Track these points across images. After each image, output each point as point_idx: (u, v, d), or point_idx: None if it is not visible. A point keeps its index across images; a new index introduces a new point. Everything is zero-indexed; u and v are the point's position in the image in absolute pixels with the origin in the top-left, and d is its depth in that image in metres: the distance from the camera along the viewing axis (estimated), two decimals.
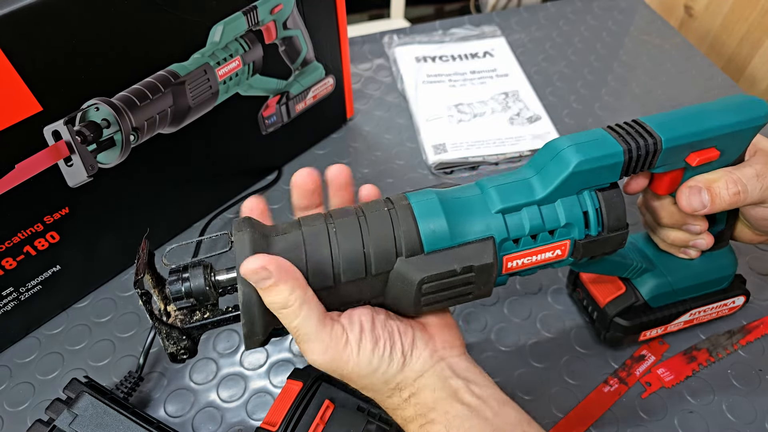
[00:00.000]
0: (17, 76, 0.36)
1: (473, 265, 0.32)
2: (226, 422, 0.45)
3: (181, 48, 0.44)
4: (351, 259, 0.32)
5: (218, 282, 0.33)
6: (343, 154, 0.65)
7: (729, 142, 0.36)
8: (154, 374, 0.48)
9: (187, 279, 0.33)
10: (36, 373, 0.48)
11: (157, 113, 0.46)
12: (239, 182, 0.60)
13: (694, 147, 0.35)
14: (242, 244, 0.31)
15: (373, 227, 0.32)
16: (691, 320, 0.47)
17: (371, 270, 0.32)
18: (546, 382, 0.47)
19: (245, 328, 0.32)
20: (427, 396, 0.33)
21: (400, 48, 0.77)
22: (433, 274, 0.32)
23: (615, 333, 0.46)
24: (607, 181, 0.35)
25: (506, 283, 0.36)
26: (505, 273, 0.35)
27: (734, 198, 0.36)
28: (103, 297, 0.53)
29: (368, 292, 0.33)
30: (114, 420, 0.38)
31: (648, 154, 0.34)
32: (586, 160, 0.33)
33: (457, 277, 0.33)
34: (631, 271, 0.43)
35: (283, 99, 0.56)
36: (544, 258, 0.35)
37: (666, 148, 0.34)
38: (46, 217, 0.44)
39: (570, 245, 0.35)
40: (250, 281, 0.30)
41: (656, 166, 0.35)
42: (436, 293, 0.33)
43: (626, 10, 0.84)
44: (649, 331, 0.46)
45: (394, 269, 0.32)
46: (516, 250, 0.34)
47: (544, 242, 0.34)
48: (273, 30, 0.50)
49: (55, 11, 0.36)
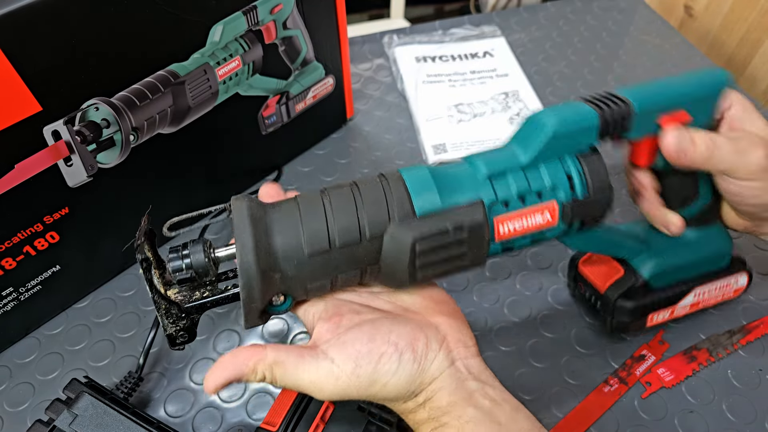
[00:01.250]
0: (17, 76, 0.36)
1: (464, 224, 0.33)
2: (227, 422, 0.45)
3: (180, 48, 0.44)
4: (345, 223, 0.33)
5: (217, 258, 0.34)
6: (343, 154, 0.65)
7: (697, 106, 0.39)
8: (154, 374, 0.48)
9: (188, 255, 0.34)
10: (36, 374, 0.48)
11: (157, 113, 0.46)
12: (239, 182, 0.60)
13: (665, 110, 0.38)
14: (240, 211, 0.32)
15: (366, 196, 0.34)
16: (698, 303, 0.47)
17: (365, 234, 0.33)
18: (546, 382, 0.47)
19: (244, 295, 0.32)
20: (442, 399, 0.32)
21: (400, 48, 0.77)
22: (425, 232, 0.33)
23: (620, 318, 0.45)
24: (586, 145, 0.37)
25: (500, 252, 0.37)
26: (498, 240, 0.36)
27: (709, 151, 0.38)
28: (103, 297, 0.53)
29: (364, 259, 0.34)
30: (114, 420, 0.38)
31: (622, 117, 0.37)
32: (564, 122, 0.35)
33: (450, 237, 0.33)
34: (628, 250, 0.44)
35: (283, 99, 0.56)
36: (535, 223, 0.36)
37: (637, 112, 0.37)
38: (46, 217, 0.44)
39: (558, 208, 0.36)
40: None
41: (631, 129, 0.38)
42: (429, 254, 0.33)
43: (626, 10, 0.84)
44: (656, 314, 0.46)
45: (387, 232, 0.33)
46: (506, 211, 0.35)
47: (533, 203, 0.36)
48: (273, 30, 0.50)
49: (54, 11, 0.36)
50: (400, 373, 0.32)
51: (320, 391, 0.32)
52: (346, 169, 0.64)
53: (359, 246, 0.33)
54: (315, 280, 0.34)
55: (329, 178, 0.63)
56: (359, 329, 0.33)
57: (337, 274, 0.34)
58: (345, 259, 0.33)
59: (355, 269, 0.34)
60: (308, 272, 0.33)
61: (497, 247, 0.36)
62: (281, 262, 0.32)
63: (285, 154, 0.64)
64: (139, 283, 0.53)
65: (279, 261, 0.32)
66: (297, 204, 0.34)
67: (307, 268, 0.33)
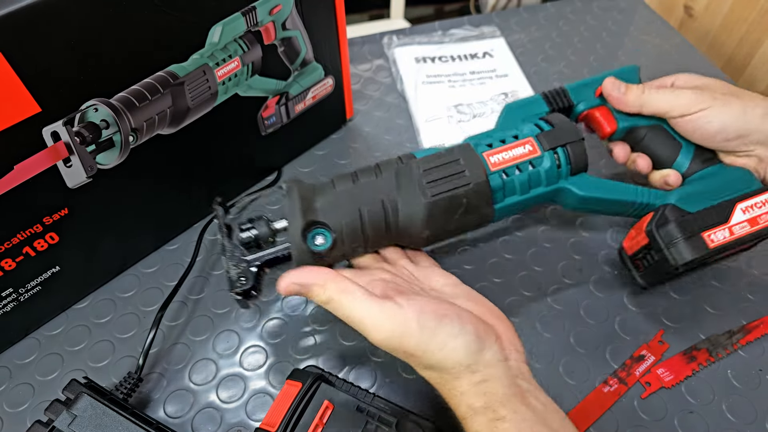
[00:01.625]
0: (16, 77, 0.36)
1: (454, 149, 0.44)
2: (226, 423, 0.45)
3: (179, 49, 0.44)
4: (364, 168, 0.44)
5: (276, 229, 0.44)
6: (343, 154, 0.65)
7: (621, 77, 0.51)
8: (154, 375, 0.48)
9: (254, 228, 0.43)
10: (35, 374, 0.48)
11: (156, 114, 0.46)
12: (239, 183, 0.60)
13: (593, 86, 0.52)
14: (292, 204, 0.41)
15: (381, 162, 0.44)
16: (755, 219, 0.45)
17: (379, 171, 0.43)
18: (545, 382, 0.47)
19: (290, 224, 0.41)
20: (497, 388, 0.32)
21: (400, 49, 0.77)
22: (424, 158, 0.43)
23: (676, 245, 0.44)
24: (542, 111, 0.50)
25: (503, 192, 0.44)
26: (494, 169, 0.43)
27: (639, 94, 0.48)
28: (102, 298, 0.53)
29: (382, 189, 0.42)
30: (113, 421, 0.38)
31: (559, 93, 0.51)
32: (514, 102, 0.51)
33: (444, 156, 0.43)
34: (639, 207, 0.48)
35: (283, 99, 0.56)
36: (520, 153, 0.44)
37: (570, 88, 0.52)
38: (46, 218, 0.44)
39: (535, 140, 0.45)
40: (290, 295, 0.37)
41: (575, 102, 0.51)
42: (433, 172, 0.42)
43: (626, 10, 0.84)
44: (713, 233, 0.44)
45: (397, 166, 0.43)
46: (491, 149, 0.44)
47: (512, 142, 0.45)
48: (272, 31, 0.50)
49: (53, 12, 0.36)
50: (461, 339, 0.32)
51: (377, 330, 0.33)
52: (346, 169, 0.63)
53: (376, 179, 0.43)
54: (344, 209, 0.41)
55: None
56: (425, 295, 0.35)
57: (363, 205, 0.41)
58: (367, 190, 0.42)
59: (377, 200, 0.42)
60: (338, 203, 0.42)
61: (497, 178, 0.43)
62: (317, 197, 0.42)
63: (285, 154, 0.64)
64: (139, 284, 0.53)
65: (315, 195, 0.42)
66: (331, 179, 0.44)
67: (337, 199, 0.42)
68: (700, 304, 0.52)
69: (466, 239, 0.57)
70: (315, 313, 0.52)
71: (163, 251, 0.56)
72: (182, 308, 0.52)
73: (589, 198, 0.46)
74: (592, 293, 0.53)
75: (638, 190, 0.48)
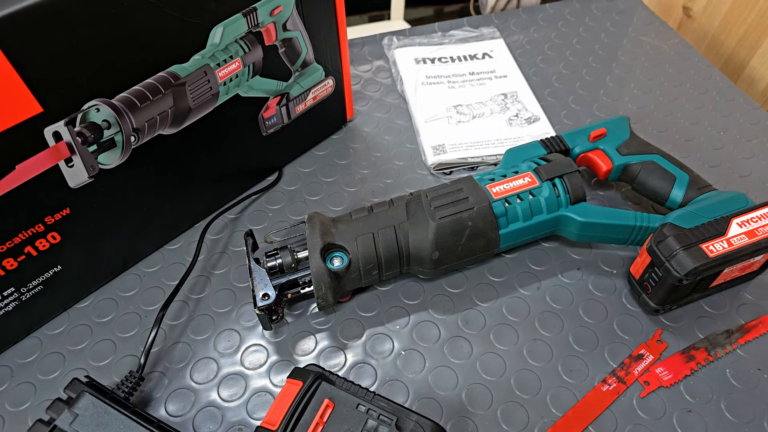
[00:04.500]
0: (18, 77, 0.36)
1: (459, 180, 0.51)
2: (227, 421, 0.45)
3: (181, 49, 0.45)
4: (378, 204, 0.50)
5: (299, 259, 0.49)
6: (343, 155, 0.65)
7: (609, 125, 0.58)
8: (155, 374, 0.48)
9: (279, 257, 0.49)
10: (37, 373, 0.48)
11: (158, 114, 0.46)
12: (240, 183, 0.60)
13: (587, 132, 0.57)
14: (312, 230, 0.48)
15: (395, 197, 0.52)
16: (753, 232, 0.46)
17: (391, 202, 0.50)
18: (545, 381, 0.47)
19: (316, 292, 0.47)
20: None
21: (400, 50, 0.77)
22: (431, 188, 0.50)
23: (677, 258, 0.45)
24: (539, 154, 0.55)
25: (506, 218, 0.50)
26: (497, 198, 0.49)
27: None
28: (104, 297, 0.53)
29: (394, 215, 0.49)
30: (115, 419, 0.38)
31: (555, 139, 0.57)
32: (513, 148, 0.57)
33: (449, 186, 0.50)
34: (636, 231, 0.51)
35: (284, 100, 0.57)
36: (520, 184, 0.50)
37: (564, 135, 0.57)
38: (47, 217, 0.44)
39: (533, 173, 0.51)
40: None
41: (571, 147, 0.56)
42: (440, 199, 0.49)
43: (624, 11, 0.84)
44: (711, 244, 0.45)
45: (407, 198, 0.50)
46: (493, 182, 0.50)
47: (512, 176, 0.51)
48: (273, 31, 0.51)
49: (55, 13, 0.36)
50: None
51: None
52: (346, 170, 0.64)
53: (388, 209, 0.49)
54: (360, 233, 0.48)
55: (329, 179, 0.63)
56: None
57: (377, 229, 0.48)
58: (380, 218, 0.48)
59: (390, 228, 0.48)
60: (353, 227, 0.48)
61: (500, 205, 0.49)
62: (334, 224, 0.49)
63: (285, 155, 0.64)
64: (141, 283, 0.54)
65: (333, 223, 0.49)
66: (350, 214, 0.50)
67: (352, 225, 0.48)
68: (699, 303, 0.52)
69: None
70: (315, 312, 0.52)
71: (165, 251, 0.56)
72: (183, 307, 0.52)
73: (590, 224, 0.50)
74: (591, 292, 0.53)
75: (637, 215, 0.51)
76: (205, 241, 0.56)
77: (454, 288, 0.53)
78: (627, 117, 0.59)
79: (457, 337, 0.50)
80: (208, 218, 0.57)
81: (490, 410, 0.46)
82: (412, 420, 0.38)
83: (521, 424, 0.45)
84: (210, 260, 0.56)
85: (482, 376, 0.48)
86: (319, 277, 0.46)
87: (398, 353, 0.49)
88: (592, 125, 0.57)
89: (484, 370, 0.48)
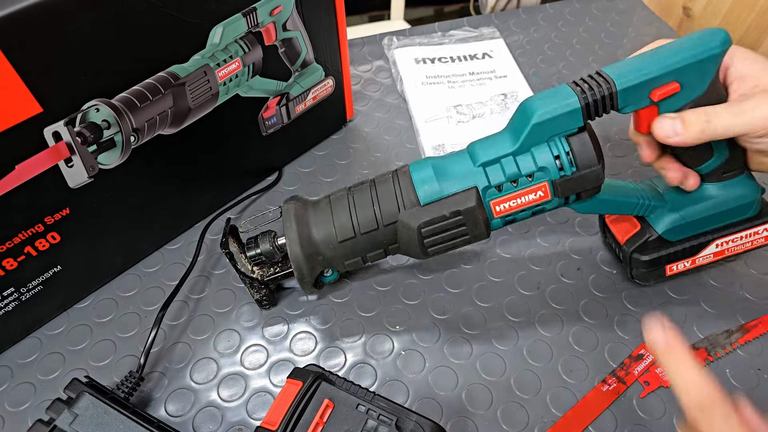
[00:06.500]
0: (17, 77, 0.36)
1: (459, 209, 0.40)
2: (227, 421, 0.45)
3: (180, 49, 0.45)
4: (365, 216, 0.42)
5: (280, 245, 0.47)
6: (343, 155, 0.65)
7: (688, 74, 0.38)
8: (155, 374, 0.48)
9: (258, 245, 0.47)
10: (37, 374, 0.48)
11: (158, 114, 0.46)
12: (239, 183, 0.60)
13: (652, 84, 0.38)
14: (287, 212, 0.44)
15: (381, 191, 0.43)
16: (722, 251, 0.47)
17: (381, 222, 0.42)
18: (545, 382, 0.47)
19: (296, 273, 0.44)
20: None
21: (400, 50, 0.77)
22: (427, 220, 0.41)
23: (638, 269, 0.47)
24: (574, 127, 0.39)
25: (501, 226, 0.43)
26: (497, 216, 0.42)
27: (704, 125, 0.38)
28: (104, 297, 0.53)
29: (383, 241, 0.43)
30: (114, 420, 0.38)
31: (605, 97, 0.38)
32: (545, 109, 0.38)
33: (448, 220, 0.41)
34: (638, 208, 0.46)
35: (283, 100, 0.57)
36: (529, 200, 0.41)
37: (621, 90, 0.38)
38: (47, 217, 0.44)
39: (549, 186, 0.40)
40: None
41: (621, 107, 0.39)
42: (435, 236, 0.42)
43: (624, 11, 0.84)
44: (675, 264, 0.47)
45: (398, 220, 0.42)
46: (500, 195, 0.41)
47: (525, 186, 0.40)
48: (272, 32, 0.51)
49: (55, 12, 0.36)
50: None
51: None
52: (346, 170, 0.64)
53: (378, 232, 0.43)
54: (348, 259, 0.44)
55: (329, 180, 0.63)
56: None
57: (365, 254, 0.44)
58: (368, 243, 0.43)
59: (378, 249, 0.44)
60: (341, 254, 0.44)
61: (498, 222, 0.43)
62: (320, 248, 0.43)
63: (285, 155, 0.64)
64: (141, 283, 0.54)
65: (318, 247, 0.43)
66: (329, 202, 0.44)
67: (340, 251, 0.43)
68: (699, 303, 0.52)
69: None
70: (315, 312, 0.52)
71: (165, 251, 0.56)
72: (183, 307, 0.52)
73: (589, 210, 0.46)
74: (591, 292, 0.53)
75: (639, 205, 0.46)
76: (205, 241, 0.56)
77: (454, 288, 0.53)
78: (722, 41, 0.38)
79: (457, 337, 0.50)
80: (208, 218, 0.57)
81: (490, 410, 0.46)
82: (412, 420, 0.38)
83: (521, 424, 0.45)
84: (210, 260, 0.56)
85: (482, 376, 0.48)
86: (312, 290, 0.47)
87: (398, 353, 0.49)
88: (662, 67, 0.38)
89: (484, 370, 0.48)
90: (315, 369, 0.42)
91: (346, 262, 0.44)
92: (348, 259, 0.44)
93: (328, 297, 0.53)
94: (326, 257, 0.44)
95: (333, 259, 0.44)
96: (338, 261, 0.44)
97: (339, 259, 0.44)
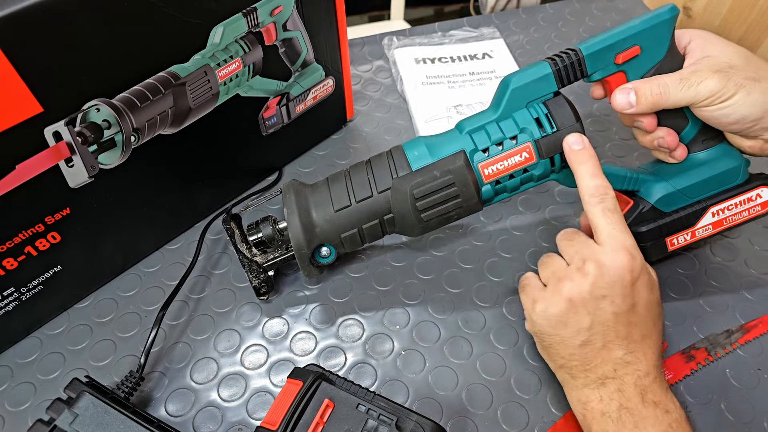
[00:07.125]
0: (18, 77, 0.36)
1: (449, 168, 0.43)
2: (227, 421, 0.45)
3: (181, 49, 0.45)
4: (359, 183, 0.45)
5: (281, 229, 0.49)
6: (343, 155, 0.65)
7: (646, 38, 0.43)
8: (155, 374, 0.48)
9: (260, 230, 0.49)
10: (37, 373, 0.48)
11: (158, 114, 0.46)
12: (239, 183, 0.61)
13: (616, 49, 0.43)
14: (288, 188, 0.46)
15: (375, 163, 0.45)
16: (720, 222, 0.47)
17: (374, 188, 0.44)
18: (545, 382, 0.47)
19: (294, 243, 0.45)
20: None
21: (400, 50, 0.77)
22: (418, 181, 0.43)
23: (639, 244, 0.44)
24: (549, 92, 0.44)
25: (493, 196, 0.45)
26: (487, 181, 0.44)
27: (656, 98, 0.43)
28: (104, 297, 0.53)
29: (378, 210, 0.45)
30: (115, 419, 0.38)
31: (573, 63, 0.44)
32: (520, 77, 0.44)
33: (439, 180, 0.43)
34: (627, 181, 0.48)
35: (284, 100, 0.57)
36: (515, 162, 0.44)
37: (587, 55, 0.43)
38: (47, 217, 0.44)
39: (533, 146, 0.43)
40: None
41: (590, 73, 0.45)
42: (427, 198, 0.44)
43: (624, 11, 0.84)
44: (675, 237, 0.47)
45: (392, 186, 0.44)
46: (487, 157, 0.44)
47: (510, 147, 0.44)
48: (273, 31, 0.51)
49: (55, 12, 0.36)
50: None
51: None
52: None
53: (372, 199, 0.44)
54: (345, 231, 0.45)
55: None
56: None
57: (361, 225, 0.45)
58: (364, 213, 0.45)
59: (374, 219, 0.45)
60: (338, 225, 0.45)
61: (489, 189, 0.44)
62: (317, 219, 0.45)
63: (285, 155, 0.64)
64: (141, 283, 0.54)
65: (315, 218, 0.45)
66: (327, 180, 0.46)
67: (336, 221, 0.45)
68: (699, 303, 0.52)
69: (464, 241, 0.57)
70: (316, 312, 0.52)
71: (165, 250, 0.56)
72: (183, 307, 0.52)
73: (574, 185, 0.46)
74: None
75: (627, 178, 0.48)
76: (205, 241, 0.56)
77: (454, 288, 0.53)
78: (672, 11, 0.44)
79: (457, 337, 0.50)
80: (208, 218, 0.57)
81: (490, 410, 0.46)
82: (412, 420, 0.38)
83: (521, 424, 0.45)
84: (210, 260, 0.56)
85: (482, 376, 0.48)
86: (310, 273, 0.47)
87: (398, 353, 0.49)
88: (623, 35, 0.43)
89: (484, 370, 0.48)
90: (315, 369, 0.42)
91: (342, 235, 0.45)
92: (344, 232, 0.45)
93: (328, 296, 0.53)
94: (323, 229, 0.45)
95: (330, 233, 0.45)
96: (335, 234, 0.45)
97: (335, 233, 0.45)
